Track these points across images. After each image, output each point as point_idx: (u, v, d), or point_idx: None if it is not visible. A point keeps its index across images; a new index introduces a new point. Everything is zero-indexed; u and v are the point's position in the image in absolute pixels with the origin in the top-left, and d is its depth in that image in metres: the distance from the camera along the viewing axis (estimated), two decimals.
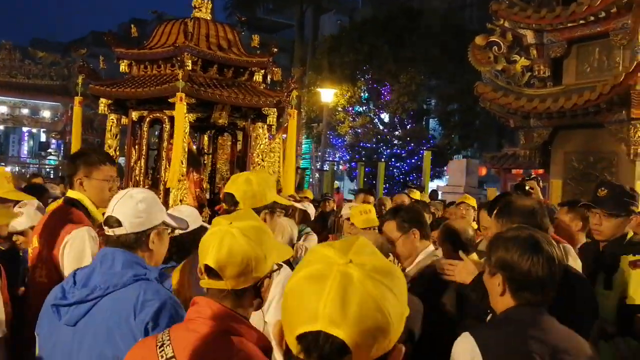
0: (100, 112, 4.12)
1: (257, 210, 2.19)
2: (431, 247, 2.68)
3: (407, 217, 2.61)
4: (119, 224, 1.83)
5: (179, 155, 3.97)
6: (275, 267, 1.54)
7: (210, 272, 1.44)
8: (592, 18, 8.53)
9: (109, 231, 1.86)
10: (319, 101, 18.99)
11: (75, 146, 4.24)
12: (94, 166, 2.51)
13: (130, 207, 1.84)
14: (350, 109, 21.76)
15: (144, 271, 1.80)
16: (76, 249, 2.35)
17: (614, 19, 8.40)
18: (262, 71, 4.27)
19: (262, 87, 4.36)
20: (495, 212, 2.10)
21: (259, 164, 4.37)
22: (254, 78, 4.29)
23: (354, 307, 0.82)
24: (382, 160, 18.91)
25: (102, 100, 4.07)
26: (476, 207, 6.10)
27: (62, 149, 30.53)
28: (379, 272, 0.86)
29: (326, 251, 0.89)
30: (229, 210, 2.24)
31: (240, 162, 4.53)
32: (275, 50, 4.26)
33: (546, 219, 2.10)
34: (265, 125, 4.31)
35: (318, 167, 21.44)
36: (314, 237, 4.32)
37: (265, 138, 4.36)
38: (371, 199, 5.06)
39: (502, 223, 2.03)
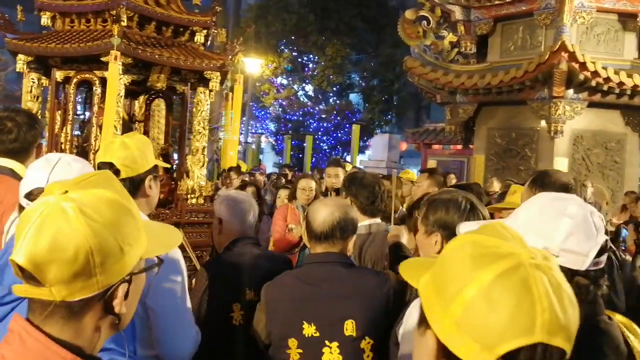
0: (18, 70, 3.63)
1: (141, 177, 1.96)
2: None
3: None
4: None
5: (111, 122, 3.60)
6: (155, 260, 1.06)
7: (24, 273, 0.92)
8: None
9: None
10: (243, 71, 18.43)
11: None
12: None
13: None
14: (275, 80, 21.36)
15: None
16: None
17: None
18: (205, 31, 3.94)
19: (202, 50, 4.04)
20: (529, 181, 2.16)
21: (199, 132, 4.09)
22: (195, 39, 3.96)
23: (570, 309, 0.73)
24: (309, 133, 18.81)
25: (21, 57, 3.59)
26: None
27: None
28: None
29: (501, 243, 0.76)
30: None
31: (179, 130, 4.21)
32: (219, 9, 3.95)
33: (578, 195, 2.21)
34: (207, 91, 4.01)
35: (242, 139, 20.99)
36: None
37: (207, 104, 4.06)
38: (340, 171, 4.62)
39: (534, 193, 2.07)
